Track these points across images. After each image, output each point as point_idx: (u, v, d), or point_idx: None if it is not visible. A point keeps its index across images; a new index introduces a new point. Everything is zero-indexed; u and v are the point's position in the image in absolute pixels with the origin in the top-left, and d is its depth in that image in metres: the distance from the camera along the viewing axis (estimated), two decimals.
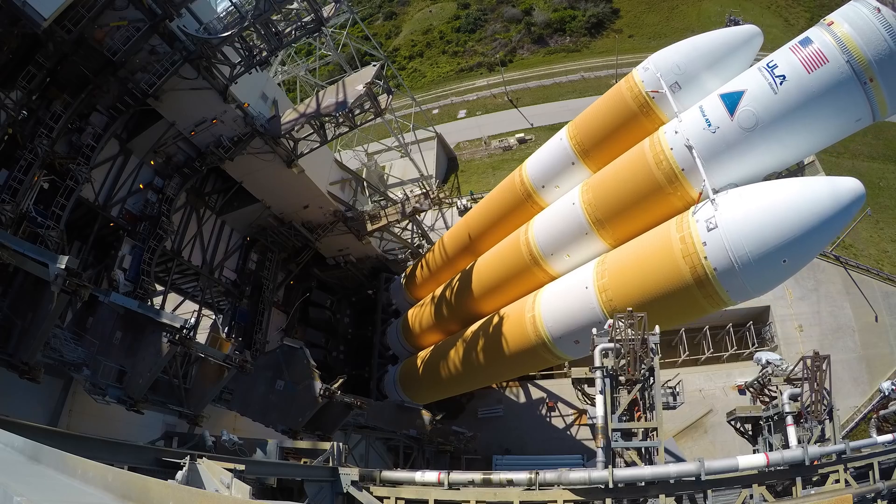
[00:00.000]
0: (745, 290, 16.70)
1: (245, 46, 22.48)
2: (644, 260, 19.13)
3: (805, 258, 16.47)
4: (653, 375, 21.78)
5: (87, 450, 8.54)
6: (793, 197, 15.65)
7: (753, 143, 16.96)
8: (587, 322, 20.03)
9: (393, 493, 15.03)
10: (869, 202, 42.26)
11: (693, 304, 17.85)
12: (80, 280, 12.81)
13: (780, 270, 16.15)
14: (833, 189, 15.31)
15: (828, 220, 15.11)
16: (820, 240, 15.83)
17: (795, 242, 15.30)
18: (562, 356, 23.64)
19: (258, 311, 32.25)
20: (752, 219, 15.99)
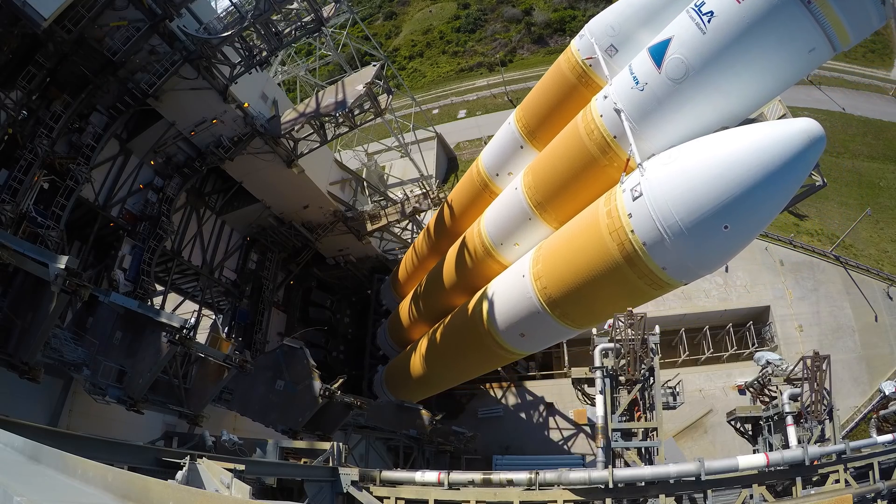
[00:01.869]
0: (684, 266, 14.31)
1: (245, 46, 22.48)
2: (573, 242, 17.24)
3: (754, 222, 13.54)
4: (653, 375, 21.83)
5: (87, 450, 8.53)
6: (729, 149, 13.05)
7: (687, 94, 14.38)
8: (526, 313, 18.88)
9: (393, 493, 15.03)
10: (869, 202, 42.56)
11: (630, 287, 15.60)
12: (80, 280, 12.80)
13: (724, 239, 13.46)
14: (780, 134, 12.43)
15: (775, 173, 12.31)
16: (769, 197, 12.86)
17: (736, 203, 12.74)
18: (513, 350, 22.10)
19: (258, 311, 32.28)
20: (680, 180, 13.63)
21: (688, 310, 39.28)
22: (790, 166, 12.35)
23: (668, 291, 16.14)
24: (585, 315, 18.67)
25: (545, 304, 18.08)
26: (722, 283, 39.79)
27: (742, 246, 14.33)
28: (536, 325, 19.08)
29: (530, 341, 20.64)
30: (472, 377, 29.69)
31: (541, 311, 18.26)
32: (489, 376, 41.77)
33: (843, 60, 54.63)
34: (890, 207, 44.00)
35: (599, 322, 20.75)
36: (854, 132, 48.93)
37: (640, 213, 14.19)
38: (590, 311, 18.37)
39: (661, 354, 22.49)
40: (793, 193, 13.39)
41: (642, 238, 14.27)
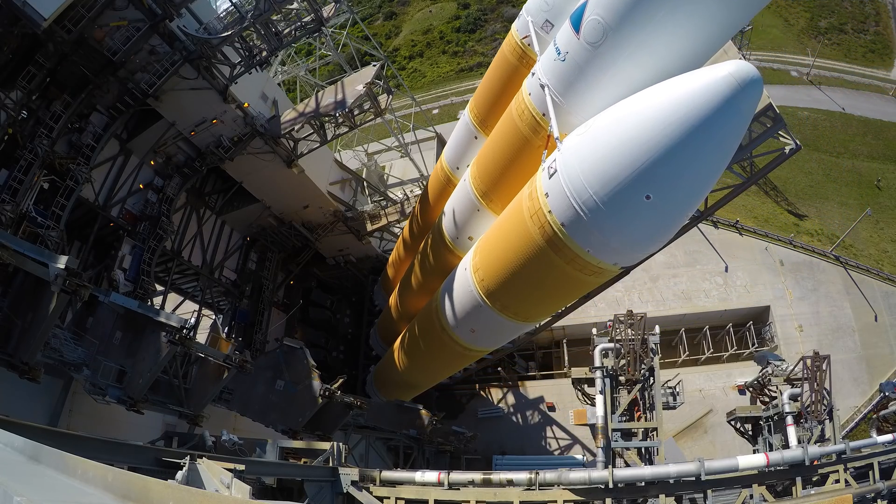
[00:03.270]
0: (609, 246, 12.79)
1: (245, 46, 22.49)
2: (502, 229, 16.20)
3: (683, 190, 11.53)
4: (653, 375, 21.86)
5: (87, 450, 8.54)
6: (643, 107, 11.21)
7: (608, 57, 12.97)
8: (471, 307, 18.11)
9: (393, 493, 15.03)
10: (869, 202, 42.58)
11: (560, 274, 14.22)
12: (80, 280, 12.80)
13: (650, 213, 11.72)
14: (701, 83, 10.33)
15: (698, 128, 10.30)
16: (695, 158, 10.82)
17: (656, 168, 10.88)
18: (469, 346, 21.18)
19: (258, 311, 32.28)
20: (591, 149, 12.04)
21: (688, 310, 39.30)
22: (716, 118, 10.25)
23: (607, 277, 14.69)
24: (526, 307, 17.51)
25: (485, 296, 17.26)
26: (722, 283, 39.82)
27: (676, 219, 12.41)
28: (482, 319, 18.34)
29: (481, 337, 19.96)
30: (445, 375, 28.98)
31: (483, 305, 17.46)
32: (489, 376, 41.83)
33: (843, 60, 54.66)
34: (890, 207, 44.01)
35: (545, 315, 19.61)
36: (854, 132, 48.92)
37: (556, 191, 12.85)
38: (529, 302, 17.18)
39: (661, 354, 22.54)
40: (728, 152, 11.19)
41: (560, 218, 12.98)
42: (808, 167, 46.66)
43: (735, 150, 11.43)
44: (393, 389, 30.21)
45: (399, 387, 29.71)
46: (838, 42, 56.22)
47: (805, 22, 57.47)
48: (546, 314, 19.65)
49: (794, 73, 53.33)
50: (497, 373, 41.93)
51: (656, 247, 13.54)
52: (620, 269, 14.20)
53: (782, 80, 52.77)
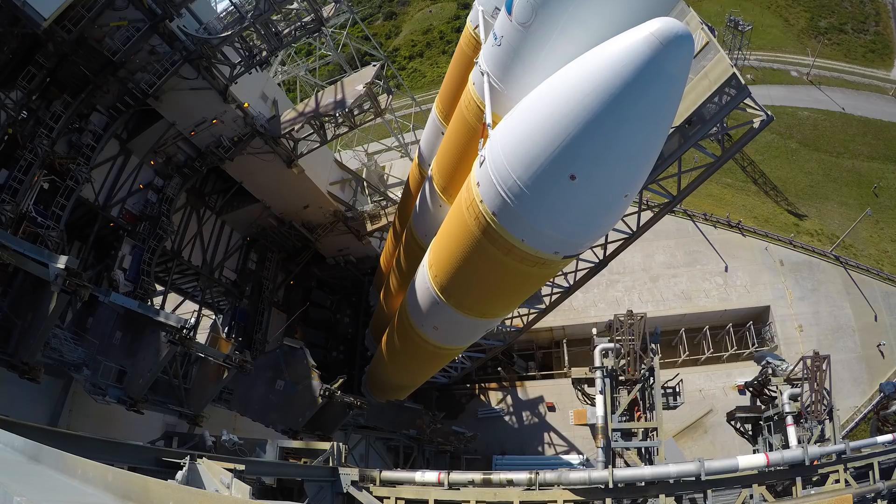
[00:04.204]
0: (540, 233, 12.06)
1: (245, 46, 22.49)
2: (447, 224, 15.79)
3: (611, 168, 10.39)
4: (653, 375, 21.86)
5: (87, 450, 8.53)
6: (562, 80, 10.24)
7: (539, 36, 12.23)
8: (429, 303, 17.93)
9: (393, 493, 15.02)
10: (869, 202, 42.58)
11: (503, 267, 13.56)
12: (80, 280, 12.81)
13: (577, 195, 10.80)
14: (620, 47, 9.21)
15: (618, 96, 9.25)
16: (621, 131, 9.70)
17: (577, 144, 9.94)
18: (438, 345, 20.84)
19: (258, 311, 32.27)
20: (513, 131, 11.33)
21: (688, 310, 39.30)
22: (638, 84, 9.08)
23: (553, 268, 13.91)
24: (479, 303, 17.19)
25: (440, 293, 16.98)
26: (722, 283, 39.83)
27: (611, 201, 11.32)
28: (441, 316, 18.21)
29: (445, 334, 19.77)
30: (425, 376, 28.35)
31: (439, 301, 17.21)
32: (489, 376, 41.85)
33: (843, 60, 54.64)
34: (890, 207, 43.99)
35: (502, 312, 18.80)
36: (854, 132, 48.91)
37: (485, 179, 12.27)
38: (479, 298, 16.82)
39: (661, 354, 22.56)
40: (661, 121, 9.95)
41: (491, 207, 12.41)
42: (808, 167, 46.66)
43: (670, 119, 10.21)
44: (382, 390, 30.20)
45: (387, 388, 29.70)
46: (838, 42, 56.20)
47: (805, 22, 57.43)
48: (502, 310, 18.77)
49: (794, 73, 53.32)
50: (497, 373, 41.93)
51: (596, 232, 12.74)
52: (563, 259, 13.24)
53: (782, 80, 52.76)
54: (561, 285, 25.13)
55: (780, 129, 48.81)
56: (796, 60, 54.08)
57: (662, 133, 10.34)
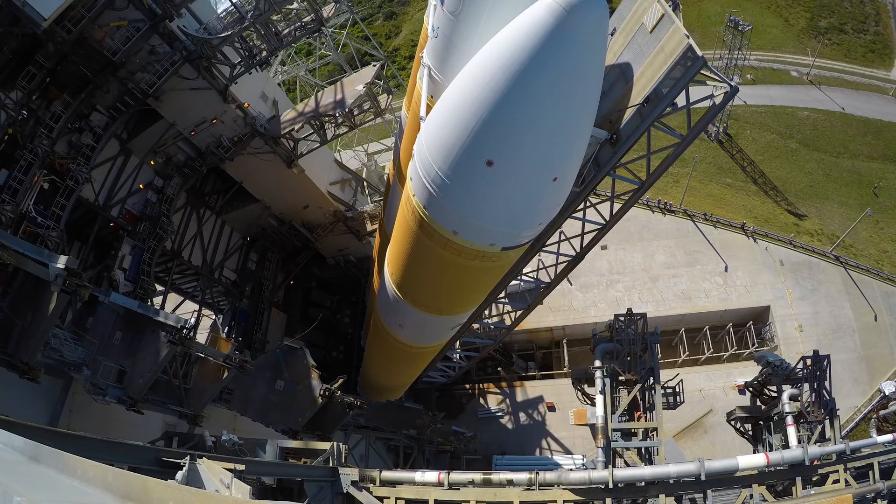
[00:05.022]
0: (470, 224, 11.69)
1: (245, 46, 22.48)
2: (396, 220, 15.47)
3: (525, 151, 9.72)
4: (653, 375, 21.86)
5: (87, 450, 8.53)
6: (474, 63, 9.68)
7: (470, 23, 11.75)
8: (391, 301, 17.85)
9: (393, 493, 15.02)
10: (869, 202, 42.56)
11: (441, 260, 13.21)
12: (80, 280, 12.80)
13: (497, 181, 10.30)
14: (522, 21, 8.58)
15: (525, 73, 8.61)
16: (533, 109, 8.99)
17: (487, 128, 9.41)
18: (409, 343, 20.72)
19: (258, 311, 32.27)
20: (433, 122, 10.88)
21: (688, 310, 39.31)
22: (544, 57, 8.39)
23: (495, 261, 13.37)
24: (434, 301, 16.91)
25: (396, 290, 16.94)
26: (722, 283, 39.83)
27: (538, 186, 10.69)
28: (402, 313, 18.25)
29: (411, 333, 19.79)
30: (407, 376, 28.51)
31: (398, 299, 17.22)
32: (489, 376, 41.86)
33: (843, 60, 54.62)
34: (890, 207, 43.98)
35: (459, 309, 18.49)
36: (854, 132, 48.90)
37: (414, 172, 12.00)
38: (432, 295, 16.59)
39: (661, 354, 22.55)
40: (580, 96, 9.11)
41: (421, 201, 12.04)
42: (808, 167, 46.65)
43: (591, 91, 9.36)
44: (373, 391, 30.23)
45: (375, 388, 29.71)
46: (838, 42, 56.18)
47: (805, 22, 57.41)
48: (460, 307, 18.27)
49: (794, 73, 53.31)
50: (497, 373, 41.94)
51: (530, 220, 12.02)
52: (504, 251, 12.69)
53: (782, 80, 52.75)
54: (543, 281, 24.82)
55: (780, 129, 48.81)
56: (796, 60, 54.07)
57: (584, 107, 9.52)
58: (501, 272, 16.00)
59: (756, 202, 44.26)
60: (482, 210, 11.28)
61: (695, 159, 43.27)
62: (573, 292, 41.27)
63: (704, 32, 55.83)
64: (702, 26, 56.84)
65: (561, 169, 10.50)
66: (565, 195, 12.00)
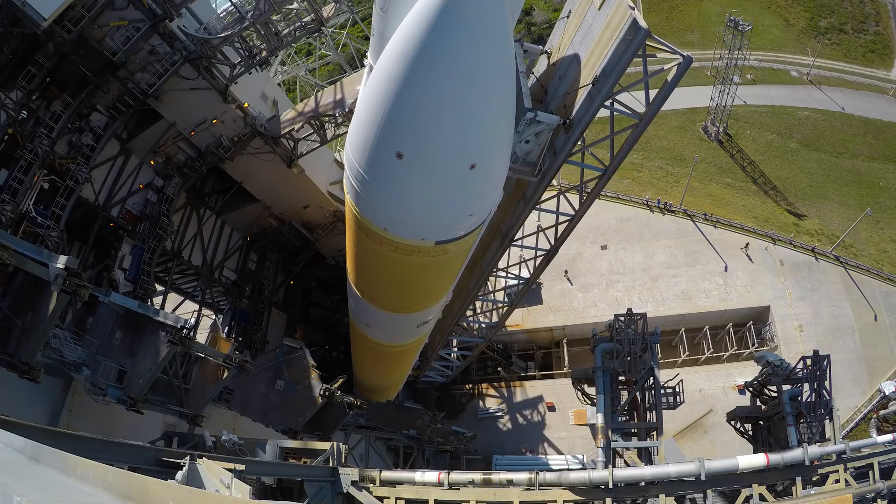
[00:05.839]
0: (395, 218, 11.57)
1: (245, 46, 22.48)
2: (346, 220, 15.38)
3: (436, 139, 9.41)
4: (653, 375, 21.87)
5: (87, 450, 8.53)
6: (379, 60, 9.35)
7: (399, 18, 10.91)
8: (355, 300, 17.98)
9: (393, 493, 15.02)
10: (869, 202, 42.56)
11: (381, 257, 13.23)
12: (80, 280, 12.79)
13: (409, 173, 10.16)
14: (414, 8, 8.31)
15: (420, 57, 8.39)
16: (434, 94, 8.77)
17: (393, 118, 9.26)
18: (380, 343, 20.83)
19: (258, 311, 32.27)
20: (354, 119, 10.72)
21: (688, 310, 39.32)
22: (434, 39, 8.07)
23: (439, 257, 12.97)
24: (387, 298, 16.79)
25: (356, 288, 17.11)
26: (722, 283, 39.84)
27: (451, 178, 10.29)
28: (365, 312, 18.31)
29: (378, 331, 19.85)
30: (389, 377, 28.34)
31: (359, 298, 17.28)
32: (489, 376, 41.87)
33: (843, 60, 54.62)
34: (890, 207, 43.99)
35: (416, 306, 18.11)
36: (854, 132, 48.91)
37: (345, 170, 11.93)
38: (384, 292, 16.49)
39: (661, 354, 22.54)
40: (484, 76, 8.72)
41: (352, 198, 12.00)
42: (808, 167, 46.66)
43: (497, 71, 8.92)
44: (365, 391, 30.23)
45: (366, 388, 29.72)
46: (838, 42, 56.19)
47: (805, 22, 57.41)
48: (416, 304, 17.80)
49: (794, 73, 53.32)
50: (497, 373, 41.96)
51: (456, 212, 11.51)
52: (440, 246, 12.37)
53: (782, 80, 52.77)
54: (524, 277, 24.50)
55: (780, 129, 48.81)
56: (796, 60, 54.07)
57: (491, 90, 9.07)
58: (449, 267, 15.28)
59: (756, 202, 44.27)
60: (402, 204, 11.15)
61: (695, 159, 43.29)
62: (573, 292, 41.31)
63: (704, 32, 55.85)
64: (702, 26, 56.85)
65: (477, 156, 10.01)
66: (494, 183, 11.57)
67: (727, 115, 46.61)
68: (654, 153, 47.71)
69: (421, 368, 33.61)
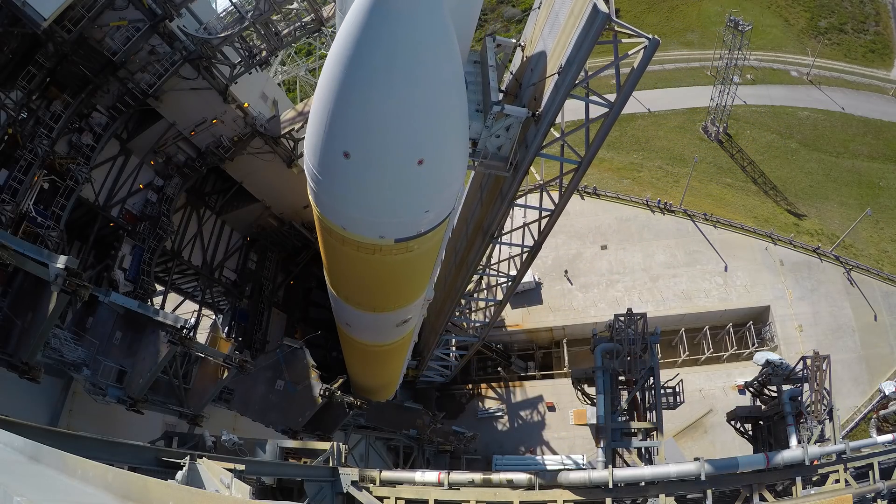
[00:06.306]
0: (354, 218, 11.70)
1: (245, 46, 22.49)
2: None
3: (376, 136, 9.42)
4: (653, 375, 21.86)
5: (87, 450, 8.53)
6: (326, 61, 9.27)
7: None
8: (333, 299, 18.40)
9: (393, 493, 15.04)
10: (869, 202, 42.57)
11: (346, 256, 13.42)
12: (80, 280, 12.79)
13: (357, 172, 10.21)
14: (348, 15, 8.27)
15: (354, 56, 8.35)
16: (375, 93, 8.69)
17: (336, 118, 9.31)
18: (363, 342, 21.09)
19: (258, 311, 32.26)
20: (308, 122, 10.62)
21: (688, 310, 39.31)
22: (367, 36, 8.05)
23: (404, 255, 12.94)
24: (361, 297, 16.85)
25: (332, 288, 17.40)
26: (722, 283, 39.83)
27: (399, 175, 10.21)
28: (344, 312, 18.41)
29: (359, 330, 19.95)
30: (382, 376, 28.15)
31: (336, 297, 17.49)
32: (489, 376, 41.86)
33: (843, 60, 54.62)
34: (890, 207, 44.00)
35: (392, 306, 18.00)
36: (854, 132, 48.92)
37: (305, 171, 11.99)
38: (356, 291, 16.59)
39: (661, 354, 22.53)
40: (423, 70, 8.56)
41: (313, 198, 12.13)
42: (808, 167, 46.66)
43: (437, 65, 8.76)
44: (361, 391, 30.19)
45: (361, 388, 29.66)
46: (838, 42, 56.19)
47: (805, 22, 57.41)
48: (390, 302, 17.54)
49: (794, 73, 53.31)
50: (497, 373, 41.95)
51: (411, 208, 11.37)
52: (400, 243, 12.35)
53: (782, 80, 52.76)
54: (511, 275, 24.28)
55: (780, 129, 48.81)
56: (796, 60, 54.07)
57: (430, 83, 8.87)
58: (418, 264, 15.05)
59: (756, 202, 44.26)
60: (355, 203, 11.16)
61: (695, 159, 43.29)
62: (573, 292, 41.31)
63: (704, 32, 55.86)
64: (702, 26, 56.86)
65: (424, 151, 9.82)
66: (447, 178, 11.35)
67: (727, 115, 46.60)
68: (654, 153, 47.70)
69: (419, 368, 33.61)
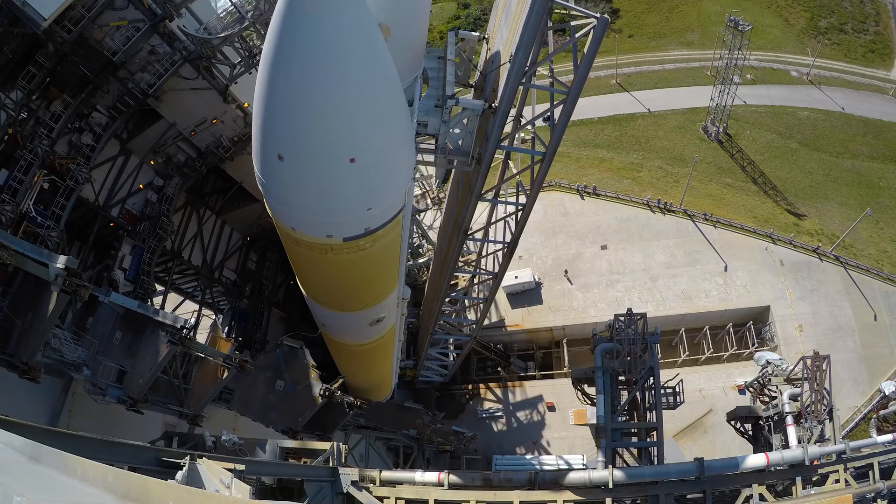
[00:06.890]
0: (300, 218, 12.00)
1: (245, 46, 22.50)
2: None
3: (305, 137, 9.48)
4: (653, 375, 21.86)
5: (87, 450, 8.53)
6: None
7: None
8: (308, 301, 18.50)
9: (393, 493, 15.03)
10: (869, 202, 42.58)
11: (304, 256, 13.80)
12: (80, 280, 12.80)
13: (290, 174, 10.41)
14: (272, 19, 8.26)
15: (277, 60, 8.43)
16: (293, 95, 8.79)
17: (268, 123, 9.51)
18: (343, 342, 21.10)
19: (258, 311, 32.26)
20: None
21: (688, 310, 39.32)
22: (287, 40, 8.06)
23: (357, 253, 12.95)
24: (327, 296, 17.02)
25: (301, 288, 17.56)
26: (722, 283, 39.84)
27: (331, 175, 10.26)
28: (316, 310, 18.48)
29: (334, 330, 19.97)
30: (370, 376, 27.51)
31: (307, 297, 17.65)
32: (489, 376, 41.86)
33: (843, 60, 54.63)
34: (890, 207, 44.00)
35: (359, 305, 17.86)
36: (854, 132, 48.92)
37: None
38: (322, 290, 16.79)
39: (661, 354, 22.52)
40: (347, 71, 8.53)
41: (265, 199, 12.26)
42: (808, 167, 46.67)
43: (370, 63, 8.78)
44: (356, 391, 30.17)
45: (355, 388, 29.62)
46: (838, 42, 56.20)
47: (805, 22, 57.42)
48: (357, 303, 17.53)
49: (794, 73, 53.32)
50: (497, 373, 41.95)
51: (352, 207, 11.39)
52: (349, 242, 12.33)
53: (782, 80, 52.77)
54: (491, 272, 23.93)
55: (780, 129, 48.82)
56: (796, 60, 54.08)
57: (353, 81, 8.78)
58: (375, 262, 14.84)
59: (756, 202, 44.27)
60: (297, 204, 11.35)
61: (695, 159, 43.30)
62: (573, 292, 41.31)
63: (704, 32, 55.87)
64: (702, 26, 56.86)
65: (355, 149, 9.86)
66: (385, 175, 11.33)
67: (727, 115, 46.60)
68: (653, 153, 47.71)
69: (416, 368, 33.61)
